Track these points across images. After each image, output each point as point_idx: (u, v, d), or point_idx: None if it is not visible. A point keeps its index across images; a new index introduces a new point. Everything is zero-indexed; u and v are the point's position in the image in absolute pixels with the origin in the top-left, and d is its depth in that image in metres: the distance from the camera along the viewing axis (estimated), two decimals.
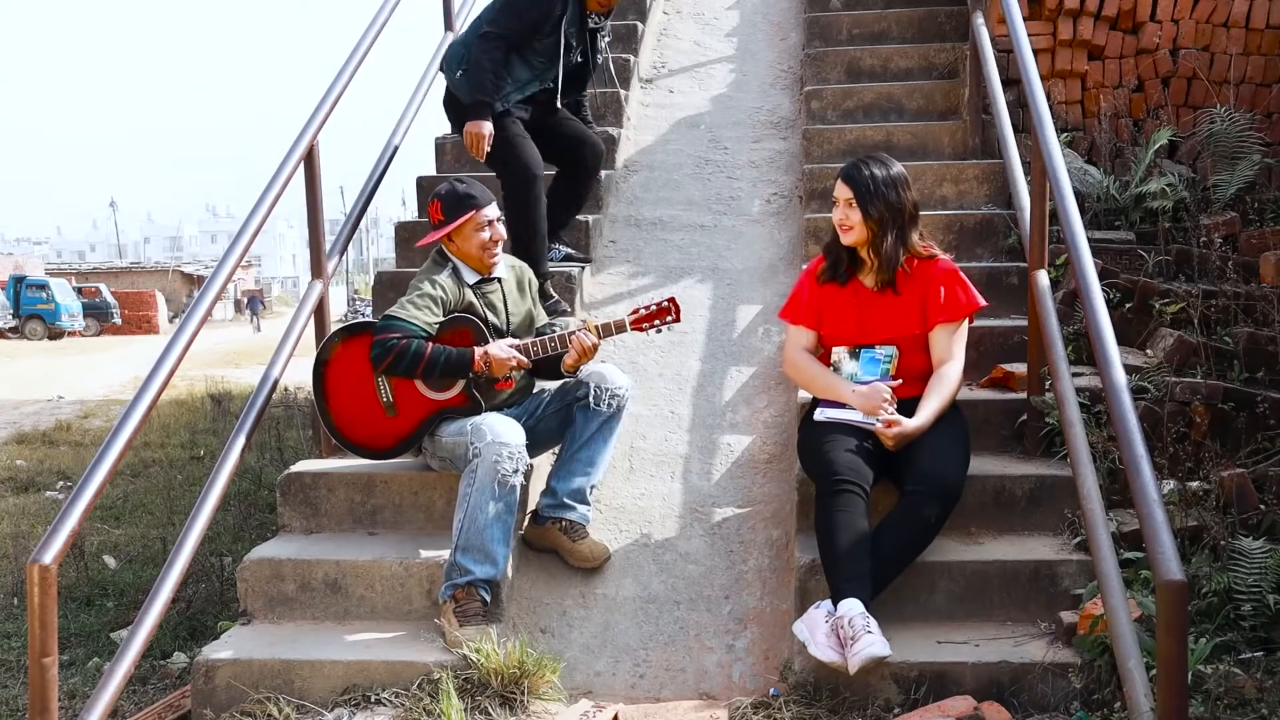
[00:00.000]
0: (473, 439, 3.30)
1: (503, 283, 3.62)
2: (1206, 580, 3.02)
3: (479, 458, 3.26)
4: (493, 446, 3.26)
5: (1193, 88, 5.44)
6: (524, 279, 3.74)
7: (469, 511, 3.25)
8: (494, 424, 3.34)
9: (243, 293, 49.87)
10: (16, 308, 29.55)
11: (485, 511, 3.24)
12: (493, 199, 3.57)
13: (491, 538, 3.25)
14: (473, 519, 3.25)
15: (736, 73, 6.26)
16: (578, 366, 3.54)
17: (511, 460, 3.27)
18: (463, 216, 3.48)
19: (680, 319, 3.65)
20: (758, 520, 3.71)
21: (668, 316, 3.60)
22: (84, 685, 3.73)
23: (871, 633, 2.87)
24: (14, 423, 10.39)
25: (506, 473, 3.26)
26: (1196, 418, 3.59)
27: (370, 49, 4.46)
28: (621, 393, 3.56)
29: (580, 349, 3.48)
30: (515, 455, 3.28)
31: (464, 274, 3.54)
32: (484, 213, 3.51)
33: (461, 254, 3.54)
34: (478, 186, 3.57)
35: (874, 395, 3.28)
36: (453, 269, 3.53)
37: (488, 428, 3.31)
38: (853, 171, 3.36)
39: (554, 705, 3.08)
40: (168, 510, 5.99)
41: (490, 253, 3.54)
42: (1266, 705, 2.64)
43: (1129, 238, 4.60)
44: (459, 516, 3.27)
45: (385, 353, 3.35)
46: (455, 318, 3.49)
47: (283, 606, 3.42)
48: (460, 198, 3.51)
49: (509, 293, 3.64)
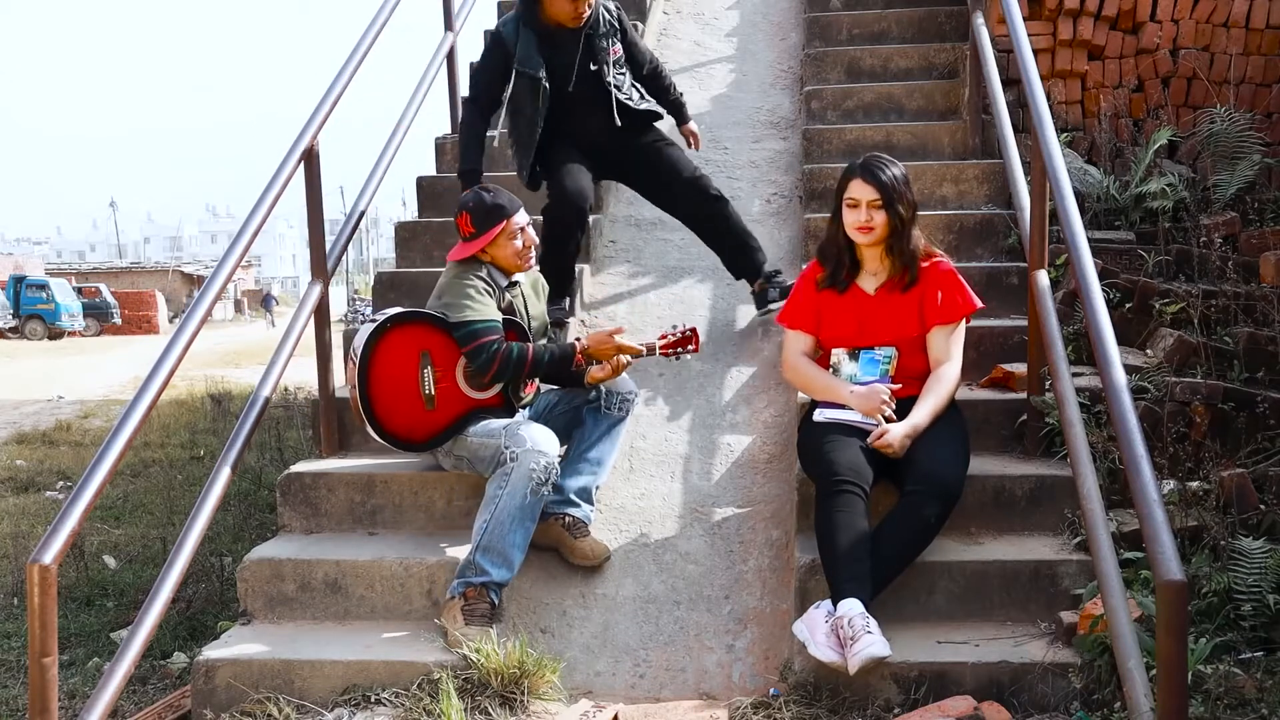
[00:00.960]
0: (509, 443, 3.31)
1: (522, 287, 3.65)
2: (1206, 580, 3.02)
3: (515, 463, 3.27)
4: (531, 454, 3.27)
5: (1193, 88, 5.44)
6: (537, 284, 3.78)
7: (496, 514, 3.26)
8: (533, 432, 3.34)
9: (243, 293, 49.93)
10: (16, 308, 29.53)
11: (512, 516, 3.26)
12: (520, 205, 3.57)
13: (513, 543, 3.26)
14: (499, 521, 3.25)
15: (736, 73, 6.26)
16: (602, 381, 3.58)
17: (546, 471, 3.29)
18: (495, 228, 3.49)
19: (699, 350, 3.75)
20: (758, 520, 3.71)
21: (689, 345, 3.67)
22: (84, 685, 3.73)
23: (871, 633, 2.87)
24: (14, 423, 10.39)
25: (540, 481, 3.28)
26: (1196, 418, 3.58)
27: (370, 49, 4.46)
28: (631, 397, 3.65)
29: (616, 367, 3.55)
30: (550, 466, 3.30)
31: (496, 276, 3.56)
32: (515, 220, 3.52)
33: (495, 261, 3.56)
34: (505, 195, 3.56)
35: (873, 397, 3.28)
36: (487, 270, 3.55)
37: (526, 434, 3.32)
38: (875, 172, 3.34)
39: (554, 705, 3.08)
40: (168, 510, 5.99)
41: (525, 258, 3.57)
42: (1266, 705, 2.64)
43: (1129, 238, 4.60)
44: (484, 517, 3.28)
45: (490, 360, 3.36)
46: (504, 321, 3.51)
47: (283, 606, 3.42)
48: (490, 209, 3.50)
49: (528, 296, 3.67)
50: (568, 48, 4.17)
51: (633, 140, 4.33)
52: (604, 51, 4.19)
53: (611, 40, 4.22)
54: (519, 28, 4.15)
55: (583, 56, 4.18)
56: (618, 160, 4.39)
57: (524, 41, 4.14)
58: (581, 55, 4.18)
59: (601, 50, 4.19)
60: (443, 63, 5.41)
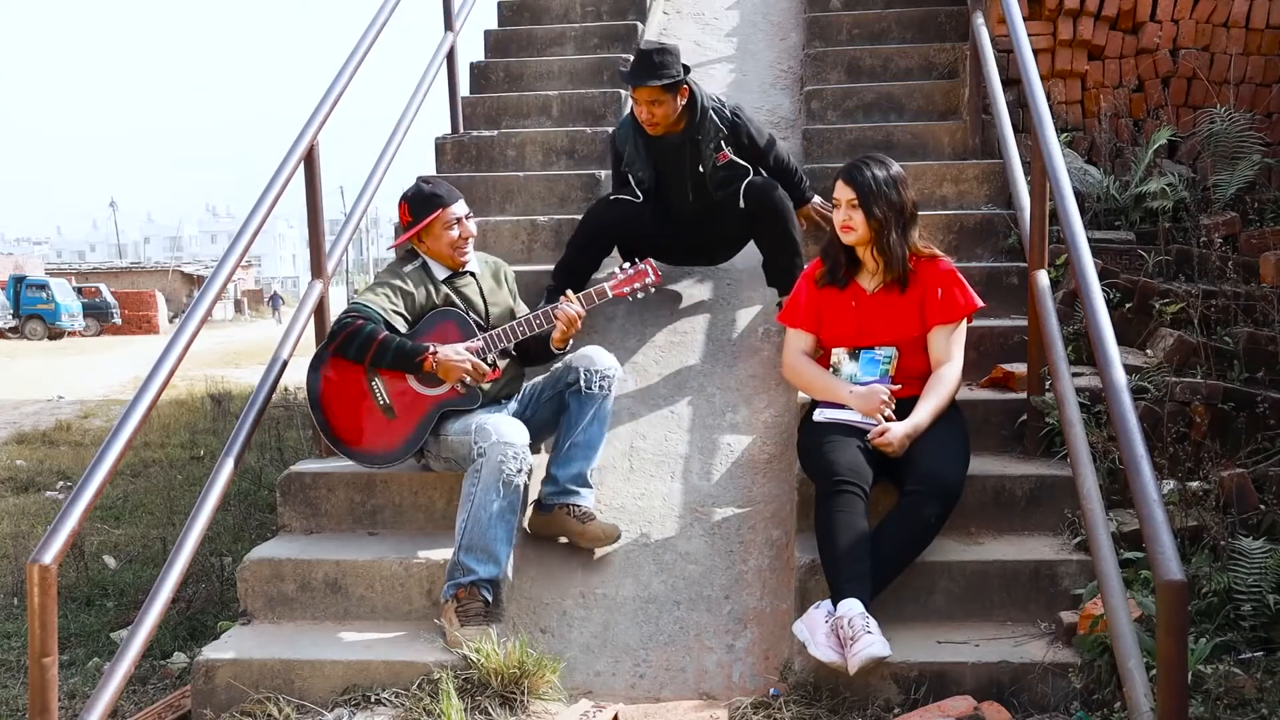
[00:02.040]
0: (477, 438, 3.30)
1: (477, 276, 3.65)
2: (1206, 580, 3.02)
3: (483, 457, 3.27)
4: (498, 446, 3.27)
5: (1193, 88, 5.44)
6: (500, 272, 3.77)
7: (473, 511, 3.26)
8: (499, 424, 3.34)
9: (243, 293, 49.93)
10: (16, 308, 29.52)
11: (489, 511, 3.25)
12: (460, 197, 3.60)
13: (495, 537, 3.26)
14: (476, 519, 3.25)
15: (736, 73, 6.25)
16: (566, 340, 3.57)
17: (516, 460, 3.27)
18: (429, 216, 3.52)
19: (660, 280, 3.68)
20: (758, 520, 3.71)
21: (646, 278, 3.65)
22: (84, 685, 3.73)
23: (871, 633, 2.87)
24: (14, 423, 10.39)
25: (511, 472, 3.26)
26: (1196, 418, 3.59)
27: (370, 49, 4.46)
28: (611, 373, 3.60)
29: (566, 320, 3.51)
30: (520, 455, 3.29)
31: (434, 269, 3.58)
32: (451, 211, 3.54)
33: (432, 252, 3.58)
34: (444, 186, 3.60)
35: (872, 397, 3.28)
36: (421, 264, 3.58)
37: (492, 427, 3.31)
38: (853, 172, 3.37)
39: (554, 705, 3.08)
40: (168, 510, 5.99)
41: (460, 250, 3.57)
42: (1266, 705, 2.64)
43: (1129, 238, 4.60)
44: (462, 516, 3.28)
45: (338, 331, 3.38)
46: (438, 312, 3.52)
47: (283, 606, 3.42)
48: (427, 198, 3.55)
49: (484, 285, 3.66)
50: (672, 153, 4.27)
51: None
52: (710, 154, 4.24)
53: (718, 145, 4.25)
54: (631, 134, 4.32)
55: (689, 161, 4.26)
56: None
57: (642, 153, 4.30)
58: (689, 160, 4.26)
59: (709, 154, 4.24)
60: (443, 63, 5.41)
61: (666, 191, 4.36)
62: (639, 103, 4.15)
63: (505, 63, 6.15)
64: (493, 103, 5.83)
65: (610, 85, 5.88)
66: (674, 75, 4.09)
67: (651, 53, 4.09)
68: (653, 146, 4.28)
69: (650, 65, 4.07)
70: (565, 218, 4.93)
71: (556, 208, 5.14)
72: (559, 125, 5.67)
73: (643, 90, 4.10)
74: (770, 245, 4.30)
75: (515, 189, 5.23)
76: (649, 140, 4.27)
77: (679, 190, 4.33)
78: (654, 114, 4.13)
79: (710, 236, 4.46)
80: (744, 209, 4.24)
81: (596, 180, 5.15)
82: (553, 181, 5.21)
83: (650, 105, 4.11)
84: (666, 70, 4.08)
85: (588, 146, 5.42)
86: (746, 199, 4.22)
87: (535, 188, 5.19)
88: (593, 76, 5.99)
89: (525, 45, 6.35)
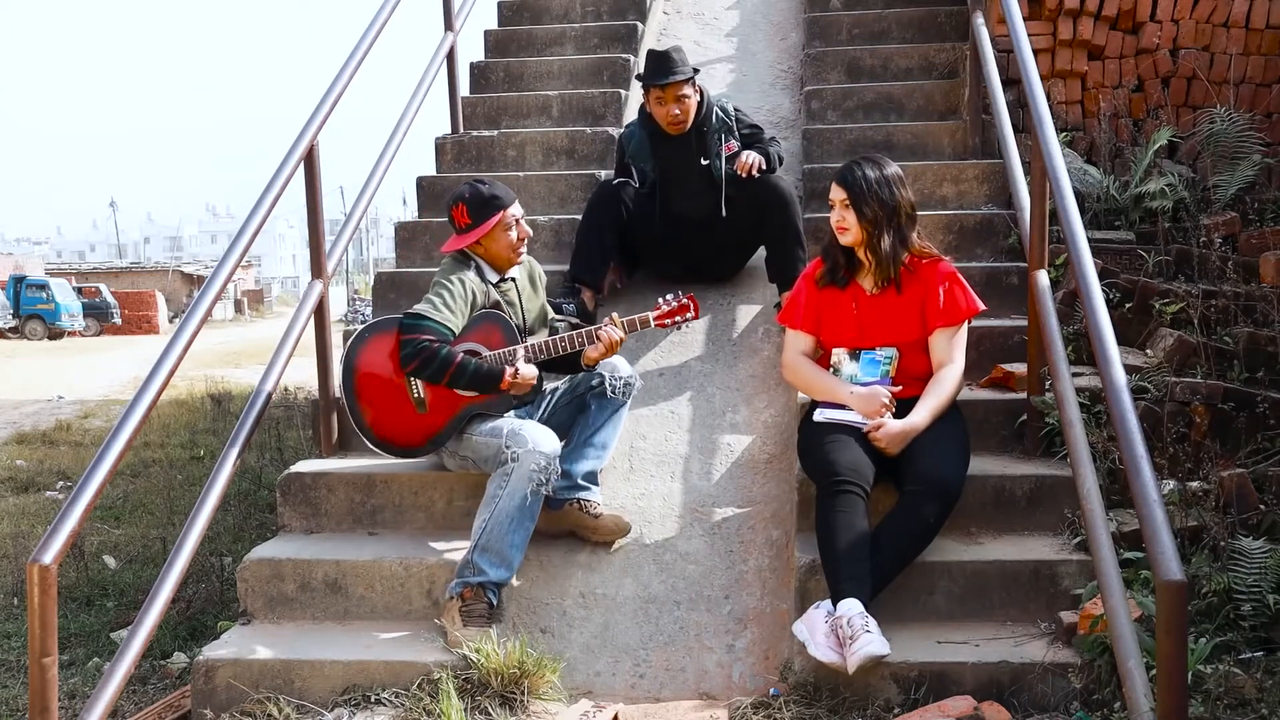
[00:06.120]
0: (510, 443, 3.31)
1: (516, 281, 3.65)
2: (1206, 580, 3.02)
3: (516, 463, 3.28)
4: (532, 454, 3.28)
5: (1193, 88, 5.44)
6: (535, 274, 3.79)
7: (495, 514, 3.26)
8: (533, 432, 3.35)
9: (243, 293, 49.89)
10: (16, 308, 29.52)
11: (511, 516, 3.26)
12: (515, 196, 3.61)
13: (512, 543, 3.27)
14: (498, 521, 3.26)
15: (736, 73, 6.25)
16: (598, 361, 3.58)
17: (546, 471, 3.30)
18: (493, 218, 3.51)
19: (699, 316, 3.74)
20: (758, 520, 3.71)
21: (687, 313, 3.68)
22: (84, 685, 3.73)
23: (870, 632, 2.87)
24: (14, 423, 10.40)
25: (540, 482, 3.29)
26: (1196, 418, 3.58)
27: (370, 49, 4.46)
28: (633, 381, 3.66)
29: (609, 344, 3.55)
30: (550, 466, 3.31)
31: (486, 273, 3.57)
32: (510, 212, 3.54)
33: (490, 254, 3.57)
34: (500, 186, 3.59)
35: (873, 399, 3.28)
36: (476, 268, 3.55)
37: (527, 434, 3.33)
38: (846, 173, 3.38)
39: (554, 705, 3.08)
40: (168, 510, 5.99)
41: (518, 251, 3.58)
42: (1266, 705, 2.64)
43: (1129, 238, 4.60)
44: (483, 516, 3.28)
45: (414, 354, 3.36)
46: (484, 314, 3.53)
47: (283, 606, 3.42)
48: (487, 199, 3.52)
49: (523, 289, 3.68)
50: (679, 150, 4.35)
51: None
52: (717, 146, 4.34)
53: (725, 137, 4.35)
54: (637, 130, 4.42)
55: (696, 154, 4.35)
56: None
57: (641, 146, 4.40)
58: (695, 153, 4.35)
59: (716, 146, 4.34)
60: (443, 63, 5.41)
61: (671, 193, 4.38)
62: (666, 102, 4.23)
63: (505, 63, 6.15)
64: (493, 103, 5.83)
65: (610, 85, 5.87)
66: (694, 70, 4.28)
67: (669, 52, 4.23)
68: (659, 147, 4.36)
69: (674, 63, 4.21)
70: (565, 218, 4.93)
71: (557, 208, 5.14)
72: (559, 125, 5.67)
73: (672, 87, 4.20)
74: (775, 235, 4.33)
75: (515, 189, 5.18)
76: (655, 143, 4.35)
77: (685, 189, 4.37)
78: (685, 108, 4.24)
79: (715, 243, 4.48)
80: (752, 194, 4.30)
81: (596, 180, 5.14)
82: (553, 181, 5.21)
83: (680, 101, 4.22)
84: (687, 66, 4.25)
85: (588, 146, 5.42)
86: (757, 185, 4.28)
87: (535, 187, 5.19)
88: (593, 76, 5.99)
89: (525, 45, 6.35)
